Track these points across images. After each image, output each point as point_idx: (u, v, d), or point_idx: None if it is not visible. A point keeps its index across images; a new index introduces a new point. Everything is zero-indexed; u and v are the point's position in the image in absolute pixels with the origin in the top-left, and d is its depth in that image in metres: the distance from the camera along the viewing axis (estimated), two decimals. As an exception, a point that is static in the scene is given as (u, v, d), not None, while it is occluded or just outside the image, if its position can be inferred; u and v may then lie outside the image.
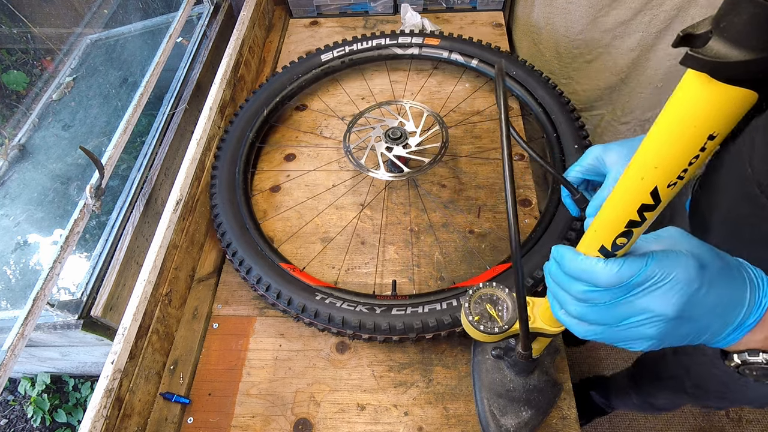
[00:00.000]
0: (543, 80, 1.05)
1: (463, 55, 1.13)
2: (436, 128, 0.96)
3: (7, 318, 0.92)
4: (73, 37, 1.43)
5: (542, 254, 0.79)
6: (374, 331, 0.75)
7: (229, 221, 0.88)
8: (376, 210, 0.97)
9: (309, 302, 0.77)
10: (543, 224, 0.84)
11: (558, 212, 0.84)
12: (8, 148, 1.22)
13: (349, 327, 0.75)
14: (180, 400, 0.77)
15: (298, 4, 1.40)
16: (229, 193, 0.93)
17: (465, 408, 0.74)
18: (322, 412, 0.76)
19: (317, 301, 0.77)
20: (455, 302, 0.76)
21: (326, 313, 0.76)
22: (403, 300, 0.78)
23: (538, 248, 0.81)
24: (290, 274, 0.82)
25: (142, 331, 0.75)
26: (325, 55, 1.16)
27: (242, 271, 0.83)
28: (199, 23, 1.33)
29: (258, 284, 0.81)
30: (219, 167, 0.97)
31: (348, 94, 1.19)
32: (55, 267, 0.76)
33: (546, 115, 1.00)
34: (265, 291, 0.80)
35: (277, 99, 1.09)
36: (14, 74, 1.38)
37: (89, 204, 0.82)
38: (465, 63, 1.13)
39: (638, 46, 1.20)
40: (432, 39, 1.15)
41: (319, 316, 0.76)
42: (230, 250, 0.85)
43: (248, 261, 0.83)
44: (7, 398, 1.59)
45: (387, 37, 1.17)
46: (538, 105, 1.02)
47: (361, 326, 0.75)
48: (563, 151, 0.94)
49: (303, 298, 0.78)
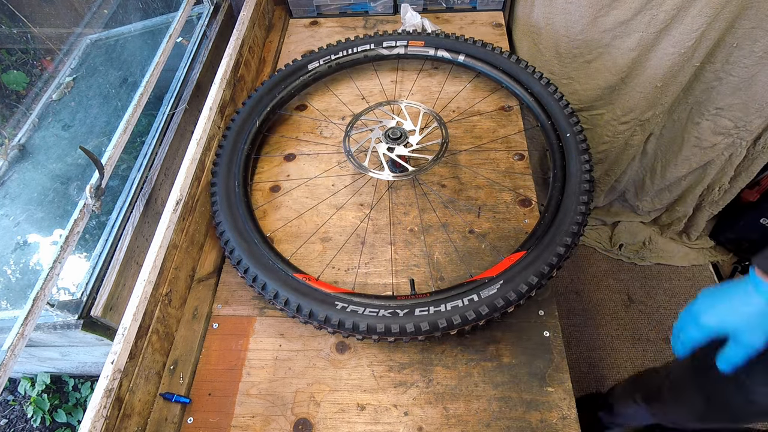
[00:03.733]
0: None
1: (449, 52, 1.15)
2: (434, 125, 0.96)
3: (7, 318, 0.92)
4: (73, 37, 1.43)
5: (550, 250, 0.79)
6: (401, 335, 0.73)
7: (237, 239, 0.86)
8: (376, 210, 0.97)
9: (331, 312, 0.75)
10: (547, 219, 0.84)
11: (562, 206, 0.85)
12: (8, 148, 1.22)
13: (374, 333, 0.74)
14: (180, 400, 0.77)
15: (298, 4, 1.40)
16: (232, 210, 0.91)
17: (465, 408, 0.74)
18: (322, 412, 0.76)
19: (339, 311, 0.75)
20: (476, 297, 0.75)
21: (350, 321, 0.74)
22: (424, 298, 0.77)
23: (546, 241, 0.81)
24: (307, 285, 0.80)
25: (142, 331, 0.75)
26: (311, 64, 1.16)
27: (257, 287, 0.81)
28: (199, 23, 1.33)
29: (276, 299, 0.79)
30: (217, 182, 0.95)
31: (348, 94, 1.19)
32: (55, 267, 0.76)
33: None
34: (284, 305, 0.78)
35: (267, 108, 1.08)
36: (14, 74, 1.38)
37: (89, 204, 0.82)
38: (452, 59, 1.15)
39: (638, 46, 1.20)
40: (416, 41, 1.16)
41: (343, 325, 0.75)
42: (241, 268, 0.84)
43: (262, 277, 0.81)
44: (7, 398, 1.59)
45: (372, 42, 1.18)
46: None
47: (387, 331, 0.73)
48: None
49: (324, 309, 0.76)
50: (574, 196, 0.86)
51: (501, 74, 1.10)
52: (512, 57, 1.09)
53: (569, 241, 0.80)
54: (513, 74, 1.09)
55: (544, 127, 1.01)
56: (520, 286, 0.75)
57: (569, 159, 0.92)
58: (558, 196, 0.88)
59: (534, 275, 0.76)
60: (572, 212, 0.83)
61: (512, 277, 0.77)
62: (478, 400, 0.75)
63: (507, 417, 0.73)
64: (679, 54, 1.20)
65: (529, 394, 0.75)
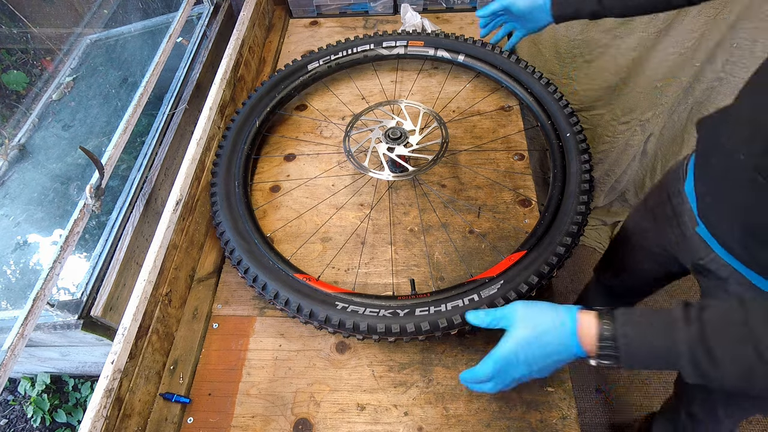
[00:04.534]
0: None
1: (449, 51, 1.15)
2: (434, 125, 0.96)
3: (7, 318, 0.92)
4: (73, 37, 1.43)
5: (550, 249, 0.79)
6: (401, 334, 0.74)
7: (237, 238, 0.86)
8: (376, 210, 0.97)
9: (331, 312, 0.75)
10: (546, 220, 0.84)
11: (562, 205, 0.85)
12: (8, 148, 1.22)
13: (374, 333, 0.74)
14: (180, 400, 0.77)
15: (298, 4, 1.40)
16: (232, 210, 0.91)
17: (465, 408, 0.74)
18: (322, 412, 0.76)
19: (339, 311, 0.76)
20: (476, 297, 0.75)
21: (351, 321, 0.74)
22: (425, 298, 0.77)
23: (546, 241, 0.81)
24: (308, 285, 0.80)
25: (142, 331, 0.75)
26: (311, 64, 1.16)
27: (258, 287, 0.81)
28: (199, 23, 1.33)
29: (276, 299, 0.79)
30: (217, 183, 0.95)
31: (347, 94, 1.19)
32: (55, 267, 0.76)
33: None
34: (285, 305, 0.78)
35: (267, 109, 1.08)
36: (14, 74, 1.38)
37: (89, 204, 0.82)
38: (452, 59, 1.15)
39: (638, 45, 1.20)
40: (416, 41, 1.17)
41: (343, 325, 0.75)
42: (241, 268, 0.83)
43: (262, 277, 0.81)
44: (7, 398, 1.59)
45: (371, 42, 1.18)
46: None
47: (387, 331, 0.73)
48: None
49: (325, 309, 0.76)
50: (574, 196, 0.86)
51: (501, 74, 1.10)
52: (512, 57, 1.09)
53: (569, 241, 0.80)
54: (513, 74, 1.09)
55: (544, 127, 1.01)
56: (521, 285, 0.75)
57: (569, 159, 0.92)
58: (558, 195, 0.88)
59: (534, 275, 0.76)
60: (572, 212, 0.83)
61: (513, 277, 0.77)
62: (478, 400, 0.75)
63: (507, 417, 0.73)
64: (679, 54, 1.20)
65: (529, 394, 0.75)
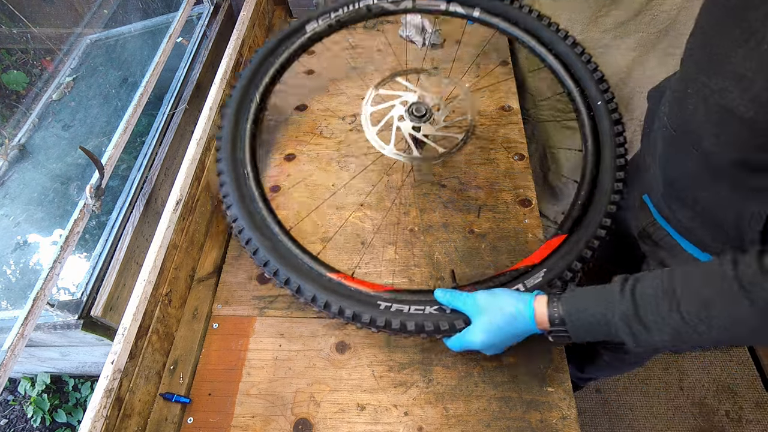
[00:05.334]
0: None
1: (463, 6, 1.01)
2: (460, 96, 0.90)
3: (7, 318, 0.92)
4: (73, 37, 1.43)
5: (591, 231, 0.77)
6: (450, 331, 0.70)
7: (260, 239, 0.79)
8: (376, 210, 0.97)
9: (375, 313, 0.71)
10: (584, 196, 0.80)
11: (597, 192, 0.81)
12: (8, 148, 1.22)
13: (423, 331, 0.70)
14: (180, 400, 0.77)
15: (298, 4, 1.40)
16: (249, 205, 0.83)
17: (465, 408, 0.74)
18: (322, 412, 0.76)
19: (383, 311, 0.71)
20: (522, 287, 0.71)
21: (398, 321, 0.70)
22: (468, 291, 0.72)
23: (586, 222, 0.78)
24: (346, 285, 0.75)
25: (142, 331, 0.75)
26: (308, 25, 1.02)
27: (292, 290, 0.75)
28: (199, 23, 1.33)
29: (314, 302, 0.74)
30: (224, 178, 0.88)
31: (348, 94, 1.19)
32: (55, 267, 0.76)
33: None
34: (324, 308, 0.73)
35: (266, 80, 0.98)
36: (14, 74, 1.38)
37: (89, 204, 0.82)
38: (465, 14, 1.01)
39: (638, 45, 1.20)
40: None
41: (390, 325, 0.70)
42: (269, 269, 0.76)
43: (295, 280, 0.75)
44: (7, 398, 1.59)
45: None
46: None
47: (436, 329, 0.70)
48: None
49: (368, 311, 0.71)
50: (610, 171, 0.79)
51: (523, 33, 0.97)
52: (533, 12, 0.98)
53: (609, 223, 0.75)
54: (534, 32, 0.97)
55: (571, 94, 0.90)
56: (564, 273, 0.71)
57: (602, 130, 0.84)
58: (593, 171, 0.81)
59: (577, 260, 0.73)
60: (609, 190, 0.78)
61: (556, 263, 0.73)
62: (478, 399, 0.75)
63: (507, 417, 0.73)
64: (680, 54, 1.20)
65: (529, 394, 0.75)
